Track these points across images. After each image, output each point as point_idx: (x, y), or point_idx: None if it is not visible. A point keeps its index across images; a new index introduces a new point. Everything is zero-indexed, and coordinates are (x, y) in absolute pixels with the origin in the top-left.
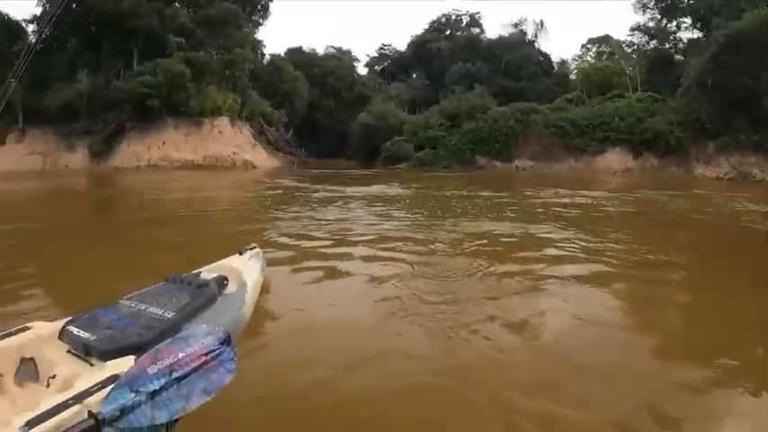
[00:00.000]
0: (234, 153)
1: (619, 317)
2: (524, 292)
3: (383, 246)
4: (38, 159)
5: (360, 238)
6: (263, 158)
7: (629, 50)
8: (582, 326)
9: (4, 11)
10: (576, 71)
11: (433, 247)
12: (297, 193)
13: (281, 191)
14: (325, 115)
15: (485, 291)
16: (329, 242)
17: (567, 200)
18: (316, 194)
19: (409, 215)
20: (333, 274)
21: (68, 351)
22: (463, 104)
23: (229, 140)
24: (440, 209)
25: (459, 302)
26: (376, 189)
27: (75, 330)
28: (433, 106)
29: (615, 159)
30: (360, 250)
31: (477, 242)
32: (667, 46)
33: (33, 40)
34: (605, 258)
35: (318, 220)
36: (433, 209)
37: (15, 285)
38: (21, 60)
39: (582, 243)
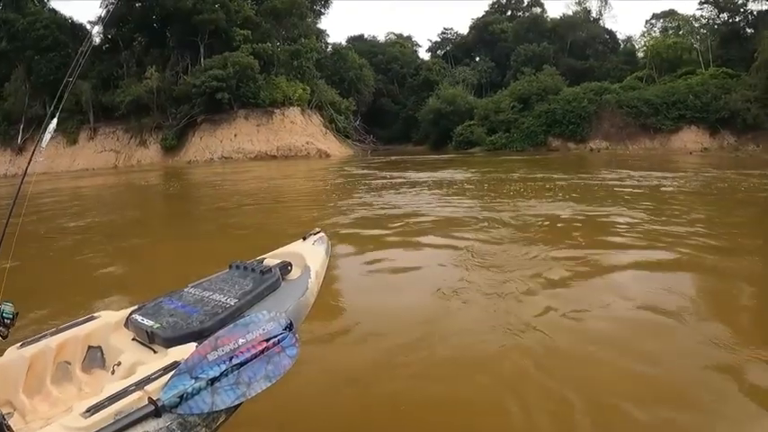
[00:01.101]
0: (307, 143)
1: (687, 306)
2: (590, 279)
3: (449, 230)
4: (110, 156)
5: (427, 223)
6: (335, 147)
7: (697, 25)
8: (649, 317)
9: (69, 14)
10: (643, 48)
11: (500, 232)
12: (368, 180)
13: (352, 178)
14: (391, 101)
15: (548, 277)
16: (397, 227)
17: (641, 181)
18: (387, 181)
19: (479, 200)
20: (398, 258)
21: (133, 339)
22: (534, 86)
23: (302, 130)
24: (510, 193)
25: (522, 292)
26: (447, 174)
27: (139, 318)
28: (502, 89)
29: (691, 138)
30: (427, 236)
31: (546, 226)
32: (737, 19)
33: (92, 41)
34: (679, 244)
35: (390, 205)
36: (503, 193)
37: (92, 275)
38: (78, 58)
39: (655, 227)
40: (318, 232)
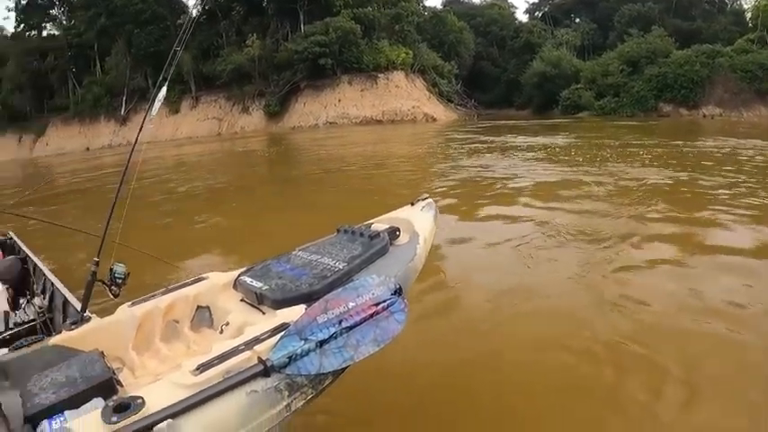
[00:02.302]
0: (413, 107)
1: None
2: (688, 258)
3: (551, 197)
4: (213, 124)
5: (529, 189)
6: (440, 111)
7: None
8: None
9: None
10: (751, 8)
11: (601, 200)
12: (473, 144)
13: (458, 143)
14: (492, 65)
15: (644, 253)
16: (496, 191)
17: (755, 152)
18: (493, 145)
19: (582, 166)
20: (502, 224)
21: (242, 300)
22: (643, 48)
23: (407, 94)
24: (616, 159)
25: (623, 268)
26: (553, 139)
27: (248, 280)
28: (606, 51)
29: None
30: (528, 202)
31: (651, 195)
32: None
33: (199, 9)
34: None
35: (496, 170)
36: (608, 159)
37: (202, 237)
38: (185, 27)
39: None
40: (427, 198)
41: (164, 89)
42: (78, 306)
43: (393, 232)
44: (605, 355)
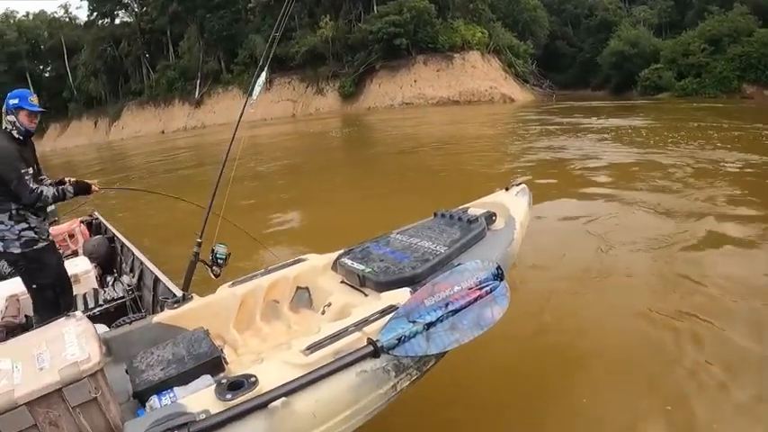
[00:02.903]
0: (491, 87)
1: None
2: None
3: (621, 178)
4: (287, 106)
5: (602, 170)
6: (517, 92)
7: None
8: None
9: None
10: None
11: (675, 183)
12: (554, 126)
13: (536, 124)
14: (566, 44)
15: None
16: (576, 172)
17: None
18: (574, 127)
19: (657, 148)
20: (567, 204)
21: (342, 282)
22: (725, 26)
23: (483, 75)
24: (692, 142)
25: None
26: (631, 121)
27: (349, 262)
28: (686, 30)
29: None
30: (611, 186)
31: (724, 179)
32: None
33: None
34: None
35: (571, 151)
36: (684, 143)
37: (289, 220)
38: (283, 12)
39: None
40: (521, 183)
41: (263, 74)
42: (169, 284)
43: (490, 217)
44: (677, 323)
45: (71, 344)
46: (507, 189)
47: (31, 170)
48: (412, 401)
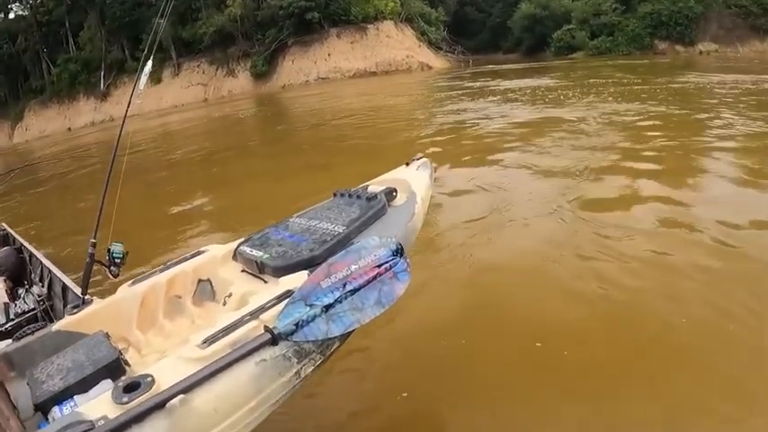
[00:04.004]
0: (407, 56)
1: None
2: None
3: (535, 135)
4: (198, 90)
5: (524, 131)
6: (433, 59)
7: None
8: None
9: None
10: None
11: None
12: (471, 91)
13: (452, 90)
14: (476, 10)
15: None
16: (493, 138)
17: (748, 86)
18: (491, 90)
19: (567, 105)
20: (494, 173)
21: (242, 270)
22: None
23: (398, 44)
24: (605, 96)
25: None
26: (546, 81)
27: (248, 250)
28: None
29: None
30: (523, 148)
31: (635, 128)
32: None
33: None
34: None
35: (488, 113)
36: (596, 97)
37: (193, 208)
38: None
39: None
40: (421, 157)
41: (149, 63)
42: (78, 291)
43: (390, 193)
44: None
45: None
46: (408, 164)
47: None
48: None
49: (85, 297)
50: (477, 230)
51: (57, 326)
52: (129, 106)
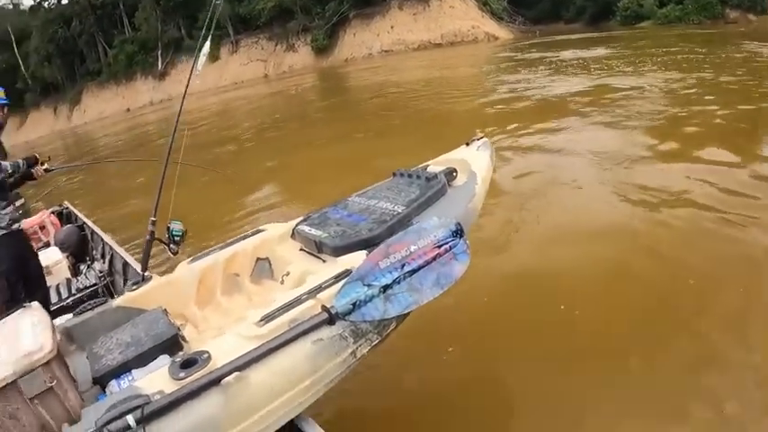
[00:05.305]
0: (473, 27)
1: None
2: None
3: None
4: (258, 66)
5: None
6: (498, 30)
7: None
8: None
9: None
10: None
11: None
12: (547, 63)
13: (523, 61)
14: None
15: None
16: (564, 103)
17: None
18: (549, 61)
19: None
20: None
21: (301, 249)
22: None
23: (462, 14)
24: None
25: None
26: (623, 51)
27: (306, 229)
28: None
29: None
30: (586, 120)
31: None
32: None
33: None
34: None
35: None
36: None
37: (253, 186)
38: None
39: None
40: (482, 137)
41: (207, 43)
42: (138, 267)
43: (450, 173)
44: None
45: (25, 335)
46: (468, 144)
47: None
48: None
49: (145, 274)
50: (532, 195)
51: (116, 301)
52: (187, 86)
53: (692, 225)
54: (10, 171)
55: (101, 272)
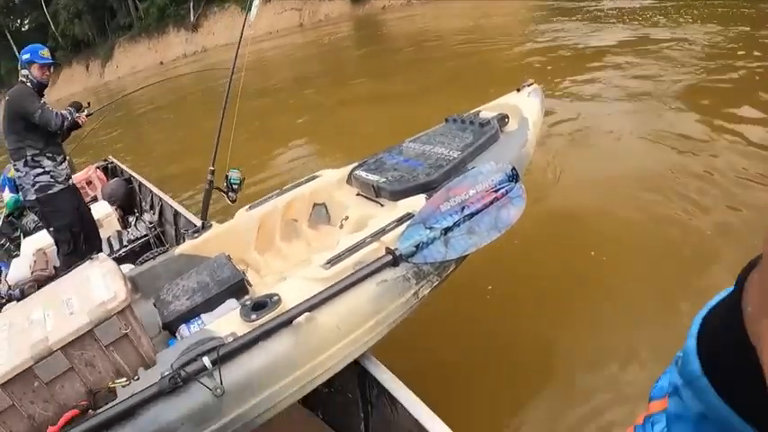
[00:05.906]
0: None
1: None
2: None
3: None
4: (293, 15)
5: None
6: None
7: None
8: None
9: None
10: None
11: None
12: (575, 14)
13: (564, 10)
14: None
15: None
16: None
17: None
18: (587, 11)
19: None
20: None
21: (358, 194)
22: None
23: None
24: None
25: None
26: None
27: (363, 174)
28: None
29: None
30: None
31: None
32: None
33: None
34: None
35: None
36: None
37: (300, 133)
38: None
39: None
40: (532, 83)
41: None
42: (190, 216)
43: (502, 119)
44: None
45: (97, 285)
46: (519, 90)
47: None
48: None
49: (204, 222)
50: (569, 144)
51: (179, 249)
52: (241, 37)
53: (731, 179)
54: (70, 118)
55: (150, 223)
